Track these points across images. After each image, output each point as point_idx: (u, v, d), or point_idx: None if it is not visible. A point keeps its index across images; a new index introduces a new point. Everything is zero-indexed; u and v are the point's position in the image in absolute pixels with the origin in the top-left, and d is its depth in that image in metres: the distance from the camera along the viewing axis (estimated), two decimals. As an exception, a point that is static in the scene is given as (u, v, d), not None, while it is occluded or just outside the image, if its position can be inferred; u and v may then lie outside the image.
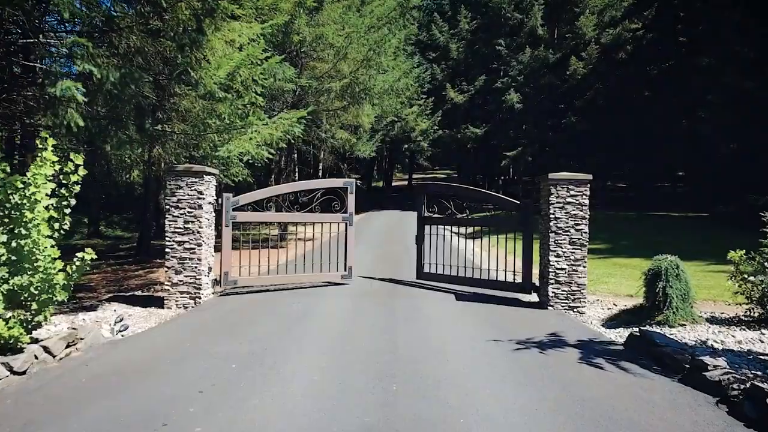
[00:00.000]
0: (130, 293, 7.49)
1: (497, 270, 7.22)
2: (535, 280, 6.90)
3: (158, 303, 6.46)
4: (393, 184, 45.49)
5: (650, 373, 4.11)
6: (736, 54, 18.96)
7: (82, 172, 4.55)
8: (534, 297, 6.88)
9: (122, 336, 5.19)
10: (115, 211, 23.73)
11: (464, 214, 7.72)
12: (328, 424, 3.07)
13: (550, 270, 6.32)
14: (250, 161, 10.44)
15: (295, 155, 35.30)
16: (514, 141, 25.44)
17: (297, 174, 35.25)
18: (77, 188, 4.42)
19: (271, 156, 8.42)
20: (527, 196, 19.02)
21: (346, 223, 7.93)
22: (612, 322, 6.00)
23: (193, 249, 6.37)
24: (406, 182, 45.93)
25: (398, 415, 3.20)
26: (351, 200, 7.91)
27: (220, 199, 6.86)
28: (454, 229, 21.57)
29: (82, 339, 4.69)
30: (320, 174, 26.27)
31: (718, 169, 20.76)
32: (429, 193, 8.15)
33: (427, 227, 7.97)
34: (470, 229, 21.86)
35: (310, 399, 3.45)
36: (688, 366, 4.02)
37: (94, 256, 4.33)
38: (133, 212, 22.18)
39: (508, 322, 5.74)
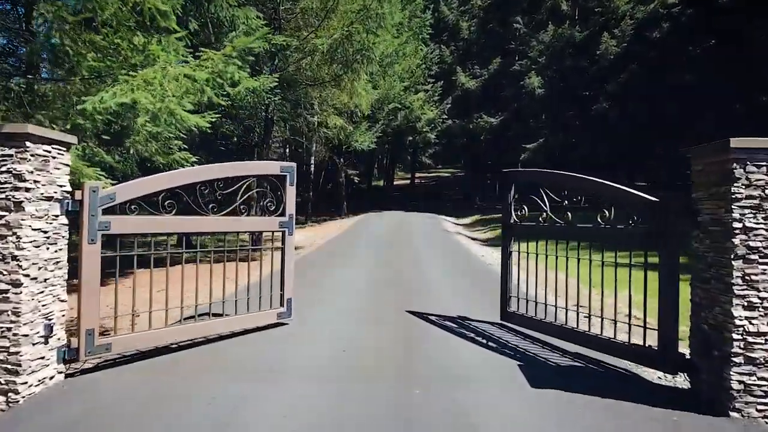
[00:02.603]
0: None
1: (580, 314, 3.98)
2: (681, 344, 3.65)
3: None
4: (394, 183, 42.29)
5: None
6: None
7: None
8: (680, 379, 3.64)
9: None
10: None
11: (563, 219, 4.43)
12: None
13: (735, 334, 3.08)
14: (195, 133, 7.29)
15: (287, 150, 32.23)
16: (534, 131, 22.20)
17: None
18: None
19: (200, 125, 5.17)
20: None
21: (283, 231, 4.83)
22: None
23: (4, 293, 3.13)
24: (408, 181, 42.76)
25: None
26: (291, 195, 4.84)
27: (81, 192, 3.63)
28: (468, 233, 18.29)
29: None
30: (312, 171, 23.06)
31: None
32: (519, 183, 4.95)
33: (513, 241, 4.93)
34: (487, 234, 18.52)
35: None
36: None
37: None
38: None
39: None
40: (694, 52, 20.26)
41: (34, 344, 3.25)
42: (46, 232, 3.35)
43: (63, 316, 3.54)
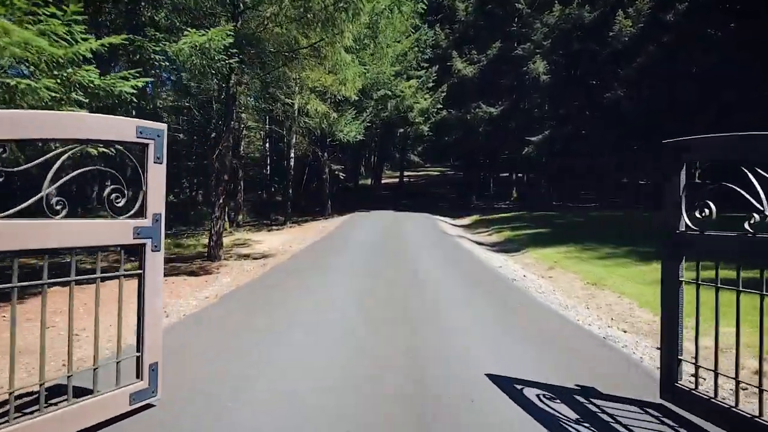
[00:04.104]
0: None
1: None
2: None
3: None
4: (383, 182, 39.96)
5: None
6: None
7: None
8: None
9: None
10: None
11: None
12: None
13: None
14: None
15: (267, 144, 29.55)
16: (539, 122, 20.07)
17: (269, 166, 29.47)
18: None
19: (116, 88, 2.80)
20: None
21: (142, 245, 2.42)
22: None
23: None
24: (396, 179, 40.50)
25: None
26: (157, 180, 2.46)
27: None
28: (470, 236, 15.89)
29: None
30: (292, 166, 20.50)
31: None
32: (695, 160, 2.51)
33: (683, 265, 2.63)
34: (492, 237, 16.22)
35: None
36: None
37: None
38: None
39: None
40: (715, 35, 18.40)
41: None
42: None
43: None
